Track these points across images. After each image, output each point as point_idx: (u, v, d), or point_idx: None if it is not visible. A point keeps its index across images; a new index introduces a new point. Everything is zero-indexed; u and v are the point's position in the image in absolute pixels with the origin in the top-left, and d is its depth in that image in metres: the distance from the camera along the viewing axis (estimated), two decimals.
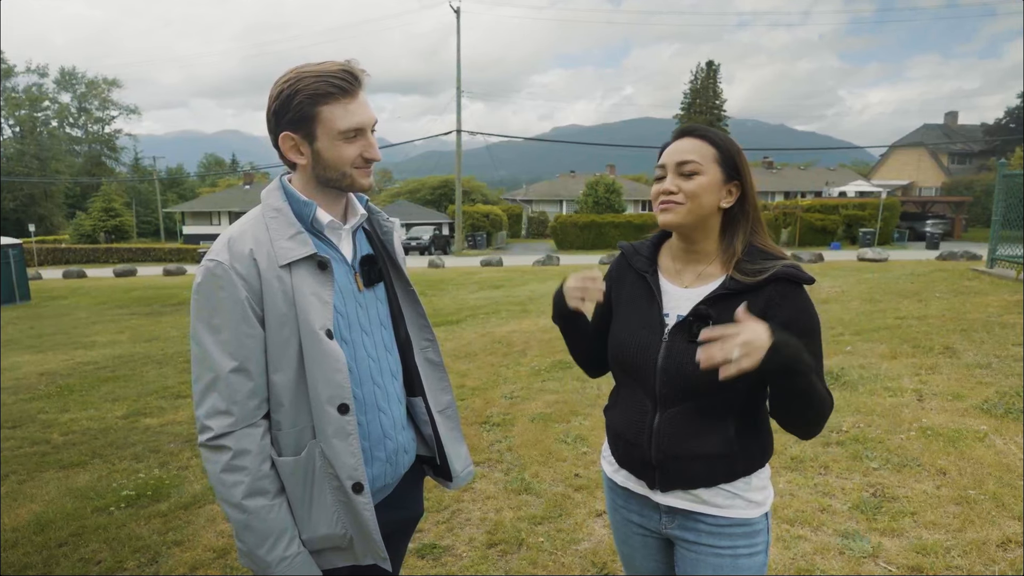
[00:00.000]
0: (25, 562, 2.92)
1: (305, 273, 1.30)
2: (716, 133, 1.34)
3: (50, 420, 5.19)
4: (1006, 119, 45.23)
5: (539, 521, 3.05)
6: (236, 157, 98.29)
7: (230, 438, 1.25)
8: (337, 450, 1.30)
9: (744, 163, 1.34)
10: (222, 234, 1.34)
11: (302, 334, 1.28)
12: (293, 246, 1.30)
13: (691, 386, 1.31)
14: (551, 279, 15.17)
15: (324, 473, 1.32)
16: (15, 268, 15.33)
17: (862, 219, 30.19)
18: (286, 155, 1.35)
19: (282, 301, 1.28)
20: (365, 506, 1.33)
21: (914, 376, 4.86)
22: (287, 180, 1.40)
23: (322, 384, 1.28)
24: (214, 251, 1.29)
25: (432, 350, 1.60)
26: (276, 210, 1.34)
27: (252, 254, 1.28)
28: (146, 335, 9.65)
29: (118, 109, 63.33)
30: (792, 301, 1.28)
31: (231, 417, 1.25)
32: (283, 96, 1.29)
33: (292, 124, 1.30)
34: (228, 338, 1.25)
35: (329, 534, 1.35)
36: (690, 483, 1.35)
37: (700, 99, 58.87)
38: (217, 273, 1.26)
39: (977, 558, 2.54)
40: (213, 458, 1.26)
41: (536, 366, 6.00)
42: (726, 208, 1.35)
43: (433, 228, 36.08)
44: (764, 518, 1.38)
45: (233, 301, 1.26)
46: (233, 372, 1.25)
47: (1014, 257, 9.48)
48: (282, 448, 1.33)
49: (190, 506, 3.42)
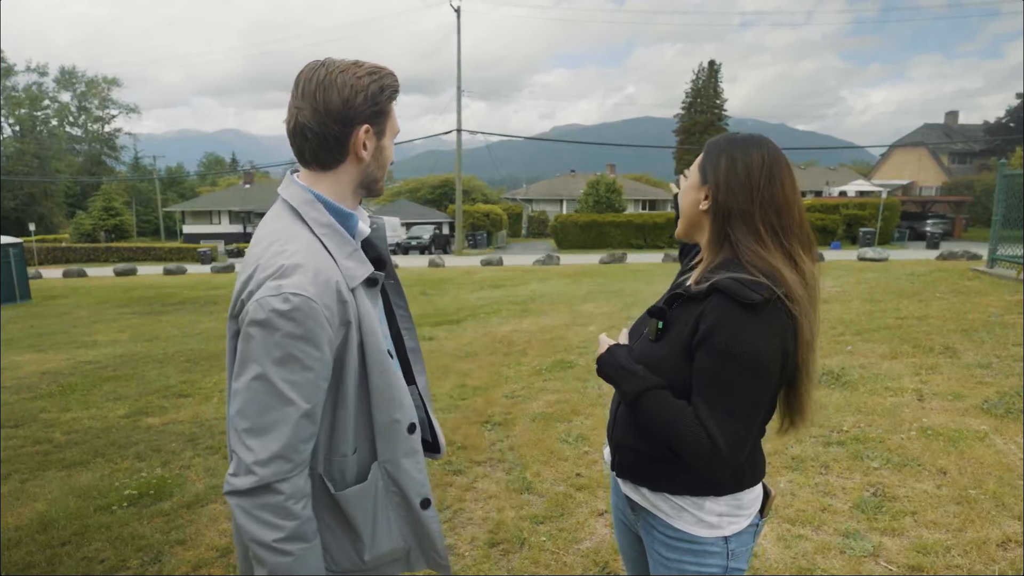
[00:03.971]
0: (28, 561, 2.93)
1: (363, 292, 1.25)
2: (712, 140, 1.35)
3: (52, 419, 5.20)
4: (1007, 118, 45.18)
5: (541, 520, 3.06)
6: (236, 156, 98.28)
7: (285, 484, 1.16)
8: (406, 469, 1.31)
9: (716, 164, 1.29)
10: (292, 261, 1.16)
11: (368, 356, 1.23)
12: (354, 266, 1.24)
13: None
14: (551, 278, 15.18)
15: (387, 492, 1.32)
16: (15, 267, 15.33)
17: (862, 219, 30.20)
18: (355, 147, 1.26)
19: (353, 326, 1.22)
20: (432, 519, 1.35)
21: (914, 376, 4.86)
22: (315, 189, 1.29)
23: (394, 406, 1.27)
24: (295, 282, 1.13)
25: (410, 336, 1.57)
26: (326, 226, 1.25)
27: (337, 284, 1.18)
28: (147, 334, 9.65)
29: (118, 108, 63.41)
30: (717, 314, 1.18)
31: (289, 463, 1.15)
32: (372, 88, 1.25)
33: (374, 117, 1.27)
34: (304, 380, 1.14)
35: (391, 549, 1.35)
36: (634, 477, 1.39)
37: (701, 99, 58.84)
38: (304, 309, 1.12)
39: (977, 557, 2.55)
40: (256, 500, 1.15)
41: (537, 365, 6.01)
42: (704, 210, 1.32)
43: (433, 227, 36.09)
44: (721, 541, 1.32)
45: (318, 341, 1.15)
46: (304, 417, 1.16)
47: (1014, 257, 9.48)
48: (346, 476, 1.28)
49: (193, 505, 3.43)
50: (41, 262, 33.81)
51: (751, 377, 1.17)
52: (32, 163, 53.63)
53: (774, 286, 1.18)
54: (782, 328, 1.18)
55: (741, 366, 1.16)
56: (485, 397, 5.11)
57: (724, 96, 59.75)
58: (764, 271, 1.20)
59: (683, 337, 1.24)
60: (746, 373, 1.17)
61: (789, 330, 1.20)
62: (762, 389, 1.20)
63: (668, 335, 1.29)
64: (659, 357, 1.29)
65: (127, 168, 66.57)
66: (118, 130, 64.26)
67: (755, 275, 1.19)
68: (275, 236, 1.22)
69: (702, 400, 1.20)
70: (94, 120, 62.67)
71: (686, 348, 1.24)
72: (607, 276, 15.34)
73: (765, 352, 1.17)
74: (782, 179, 1.26)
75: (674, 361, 1.26)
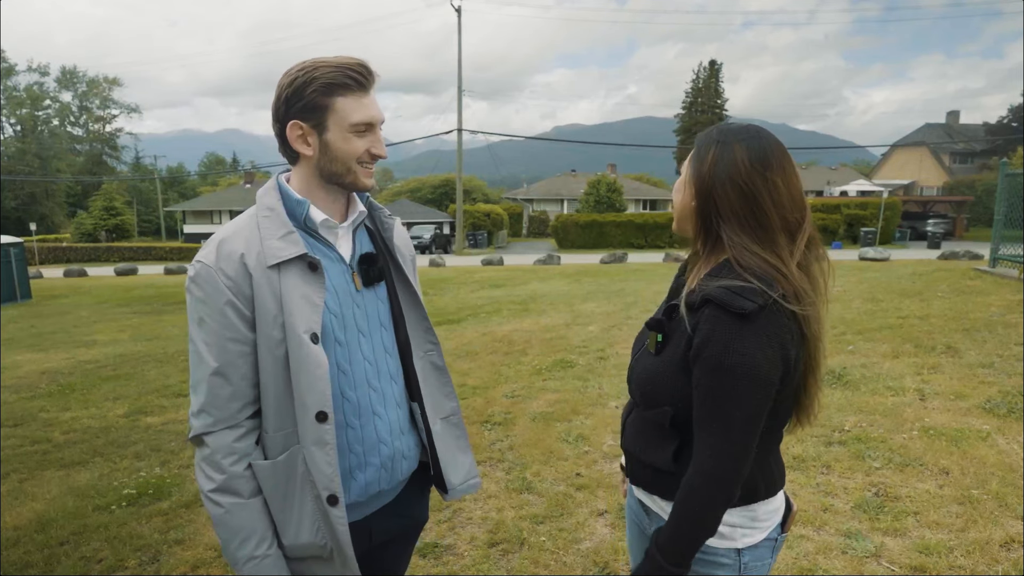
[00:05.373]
0: (26, 560, 2.92)
1: (295, 274, 1.27)
2: (703, 132, 1.28)
3: (51, 419, 5.19)
4: (1009, 118, 45.15)
5: (540, 520, 3.05)
6: (237, 156, 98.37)
7: (209, 437, 1.26)
8: (315, 458, 1.28)
9: (704, 158, 1.21)
10: (214, 234, 1.31)
11: (288, 337, 1.25)
12: (283, 246, 1.27)
13: (634, 394, 1.34)
14: (552, 278, 15.17)
15: (306, 480, 1.29)
16: (16, 267, 15.34)
17: (863, 218, 30.19)
18: (292, 144, 1.31)
19: (272, 303, 1.25)
20: (339, 519, 1.29)
21: (916, 375, 4.85)
22: (284, 180, 1.37)
23: (305, 390, 1.26)
24: (203, 252, 1.28)
25: (436, 354, 1.54)
26: (269, 209, 1.32)
27: (242, 256, 1.25)
28: (147, 334, 9.65)
29: (119, 108, 63.47)
30: (709, 326, 1.13)
31: (211, 417, 1.26)
32: (297, 83, 1.27)
33: (303, 112, 1.28)
34: (212, 341, 1.25)
35: (310, 543, 1.32)
36: (644, 485, 1.36)
37: (702, 98, 58.80)
38: (203, 275, 1.25)
39: (980, 558, 2.54)
40: (197, 452, 1.29)
41: (537, 365, 5.99)
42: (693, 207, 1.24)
43: (434, 227, 36.11)
44: (734, 553, 1.26)
45: (217, 304, 1.24)
46: (214, 375, 1.25)
47: (1016, 257, 9.45)
48: (267, 451, 1.31)
49: (191, 504, 3.42)
50: (42, 262, 33.85)
51: (746, 389, 1.11)
52: (33, 163, 53.74)
53: (769, 289, 1.11)
54: (780, 333, 1.12)
55: (735, 378, 1.11)
56: (485, 397, 5.10)
57: (725, 96, 59.70)
58: (758, 272, 1.14)
59: (679, 350, 1.20)
60: (740, 385, 1.11)
61: (790, 333, 1.13)
62: (761, 401, 1.13)
63: (667, 348, 1.25)
64: (659, 372, 1.25)
65: (128, 168, 66.62)
66: (119, 130, 64.39)
67: (748, 280, 1.13)
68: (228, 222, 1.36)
69: (698, 418, 1.16)
70: (95, 120, 62.77)
71: (682, 361, 1.20)
72: (608, 276, 15.32)
73: (762, 362, 1.10)
74: (779, 169, 1.18)
75: (672, 375, 1.21)
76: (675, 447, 1.25)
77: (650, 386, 1.26)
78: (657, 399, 1.25)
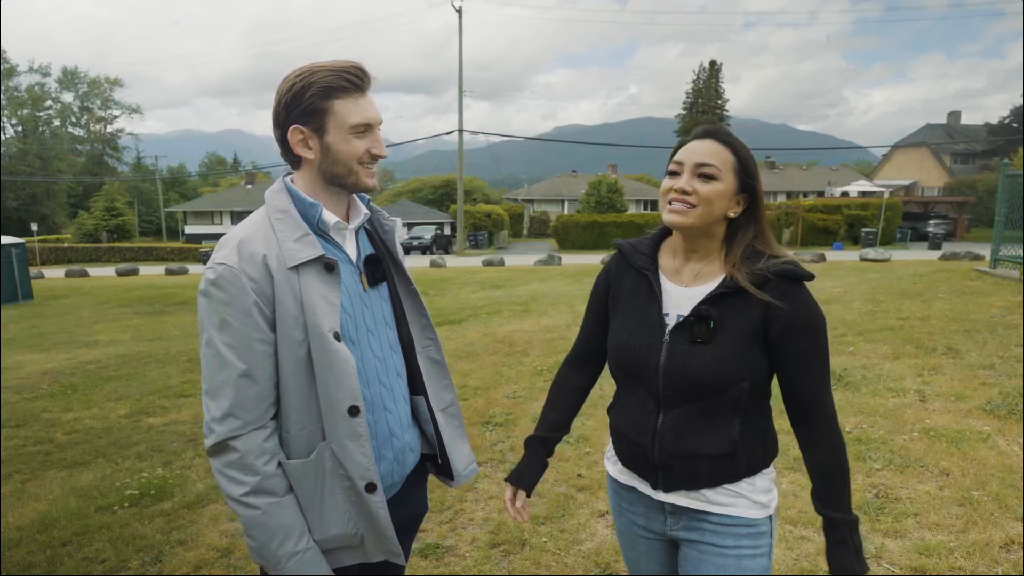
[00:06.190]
0: (29, 561, 2.93)
1: (313, 275, 1.30)
2: (737, 140, 1.32)
3: (53, 419, 5.20)
4: (1010, 118, 45.11)
5: (542, 521, 3.05)
6: (238, 156, 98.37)
7: (238, 441, 1.26)
8: (349, 451, 1.32)
9: (758, 175, 1.34)
10: (228, 236, 1.32)
11: (311, 337, 1.28)
12: (301, 248, 1.30)
13: (694, 387, 1.30)
14: (553, 279, 15.17)
15: (335, 474, 1.33)
16: (17, 267, 15.35)
17: (864, 219, 30.16)
18: (294, 149, 1.34)
19: (292, 303, 1.28)
20: (379, 505, 1.35)
21: (917, 377, 4.85)
22: (290, 180, 1.39)
23: (333, 387, 1.29)
24: (223, 254, 1.28)
25: (434, 348, 1.61)
26: (282, 211, 1.33)
27: (264, 258, 1.27)
28: (148, 334, 9.66)
29: (120, 108, 63.49)
30: (792, 298, 1.27)
31: (239, 420, 1.26)
32: (295, 89, 1.30)
33: (303, 117, 1.31)
34: (237, 342, 1.25)
35: (341, 533, 1.36)
36: (693, 483, 1.35)
37: (702, 99, 58.82)
38: (227, 277, 1.25)
39: (980, 559, 2.54)
40: (221, 458, 1.27)
41: (538, 366, 6.00)
42: (732, 217, 1.33)
43: (435, 227, 36.09)
44: (768, 520, 1.38)
45: (243, 305, 1.25)
46: (242, 376, 1.25)
47: (1017, 258, 9.45)
48: (291, 451, 1.33)
49: (193, 505, 3.43)
50: (43, 262, 33.87)
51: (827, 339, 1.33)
52: (34, 163, 53.75)
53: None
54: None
55: (823, 333, 1.31)
56: (486, 397, 5.10)
57: (725, 96, 59.78)
58: (777, 251, 1.32)
59: (747, 326, 1.28)
60: (825, 337, 1.31)
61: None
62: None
63: (722, 331, 1.29)
64: (726, 355, 1.28)
65: (129, 168, 66.65)
66: (120, 130, 64.38)
67: (785, 255, 1.32)
68: (240, 224, 1.36)
69: (809, 378, 1.30)
70: (96, 120, 62.77)
71: (751, 336, 1.28)
72: None
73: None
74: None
75: (744, 352, 1.28)
76: (740, 422, 1.33)
77: (721, 369, 1.28)
78: (731, 379, 1.29)
